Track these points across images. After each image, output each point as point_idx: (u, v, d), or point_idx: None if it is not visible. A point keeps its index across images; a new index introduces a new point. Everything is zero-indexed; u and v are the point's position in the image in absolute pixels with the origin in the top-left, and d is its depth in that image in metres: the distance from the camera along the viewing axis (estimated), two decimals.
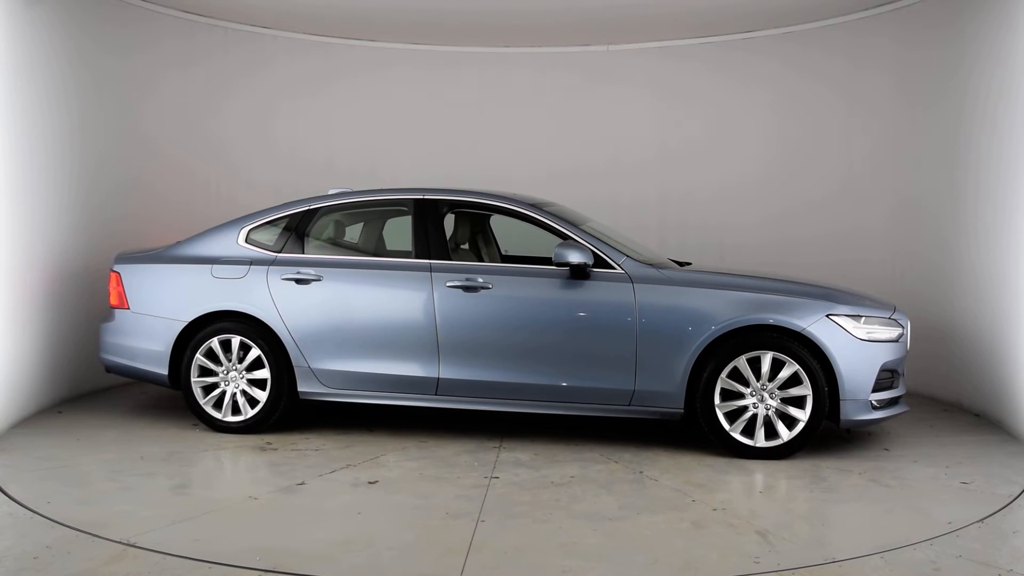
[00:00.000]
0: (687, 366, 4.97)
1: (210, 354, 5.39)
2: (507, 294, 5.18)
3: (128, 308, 5.55)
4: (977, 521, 3.97)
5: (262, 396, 5.36)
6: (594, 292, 5.09)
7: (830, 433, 5.38)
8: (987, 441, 5.39)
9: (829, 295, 5.09)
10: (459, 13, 6.99)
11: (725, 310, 4.97)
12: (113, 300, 5.61)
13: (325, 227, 5.64)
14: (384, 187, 6.14)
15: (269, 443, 5.20)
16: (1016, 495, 4.34)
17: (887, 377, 5.11)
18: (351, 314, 5.30)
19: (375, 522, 3.90)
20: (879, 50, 7.07)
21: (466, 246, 6.00)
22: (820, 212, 7.50)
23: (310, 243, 5.53)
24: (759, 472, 4.71)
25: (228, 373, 5.39)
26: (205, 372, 5.41)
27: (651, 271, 5.14)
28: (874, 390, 4.98)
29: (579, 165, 8.13)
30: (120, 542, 3.56)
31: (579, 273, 5.12)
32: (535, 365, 5.13)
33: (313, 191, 6.24)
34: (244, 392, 5.38)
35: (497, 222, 6.20)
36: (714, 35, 7.76)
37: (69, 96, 6.07)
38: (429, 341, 5.20)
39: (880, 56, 7.07)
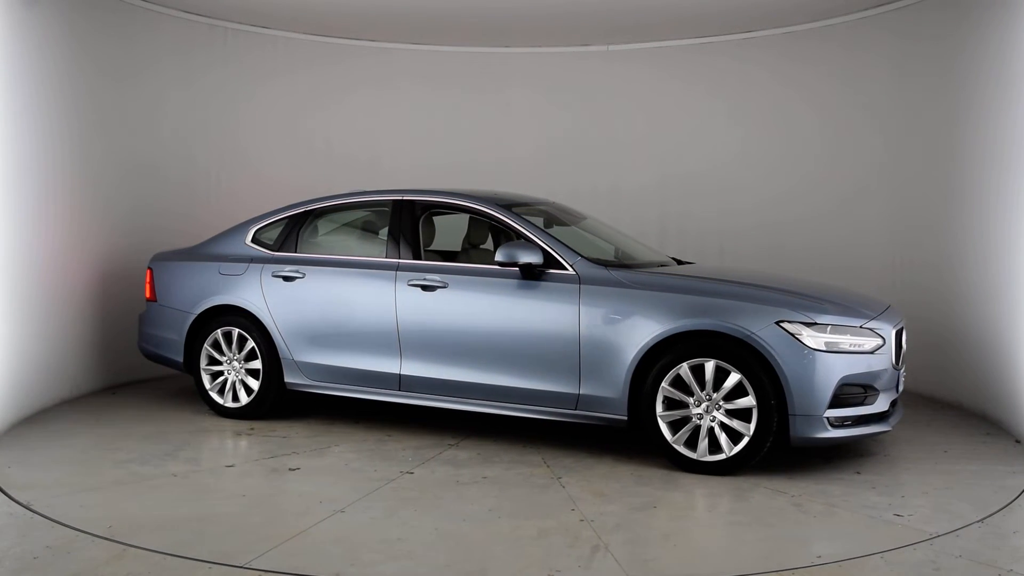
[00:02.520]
0: (628, 372, 4.78)
1: (217, 345, 5.89)
2: (461, 294, 5.23)
3: (156, 301, 6.19)
4: (977, 521, 3.89)
5: (256, 385, 5.78)
6: (544, 293, 5.02)
7: (817, 450, 4.95)
8: (988, 472, 4.72)
9: (784, 300, 4.68)
10: (459, 13, 7.03)
11: (669, 314, 4.73)
12: (147, 293, 6.27)
13: (317, 227, 5.97)
14: (381, 188, 6.33)
15: (252, 428, 5.60)
16: (1015, 497, 4.27)
17: (857, 393, 4.63)
18: (328, 310, 5.57)
19: (243, 504, 4.14)
20: (878, 51, 6.99)
21: (487, 246, 6.09)
22: (818, 213, 7.44)
23: (303, 242, 5.87)
24: (683, 487, 4.44)
25: (231, 363, 5.86)
26: (213, 361, 5.92)
27: (601, 272, 4.99)
28: (834, 406, 4.53)
29: (579, 164, 8.11)
30: (23, 504, 4.05)
31: (529, 273, 5.07)
32: (486, 365, 5.14)
33: (311, 189, 6.60)
34: (243, 381, 5.83)
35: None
36: (713, 35, 7.69)
37: (79, 96, 6.24)
38: (392, 338, 5.36)
39: (879, 57, 6.99)
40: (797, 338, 4.51)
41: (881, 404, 4.73)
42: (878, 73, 7.01)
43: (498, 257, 5.03)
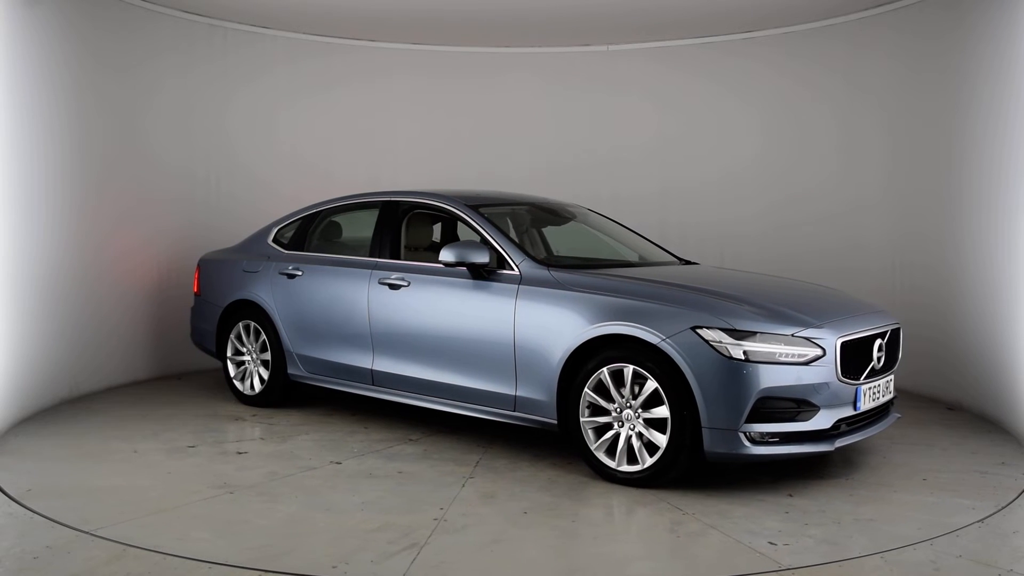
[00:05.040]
0: (556, 375, 4.67)
1: (240, 336, 6.38)
2: (421, 292, 5.32)
3: (200, 295, 6.79)
4: (977, 521, 3.89)
5: (266, 375, 6.20)
6: (489, 293, 5.00)
7: (766, 466, 4.60)
8: (939, 507, 4.13)
9: (704, 304, 4.36)
10: (459, 13, 7.02)
11: (593, 316, 4.57)
12: (195, 288, 6.89)
13: (322, 227, 6.28)
14: (382, 189, 6.54)
15: (254, 415, 6.02)
16: (1015, 497, 4.25)
17: (788, 408, 4.23)
18: (319, 306, 5.86)
19: (159, 480, 4.49)
20: (879, 51, 6.97)
21: None
22: (818, 213, 7.41)
23: (309, 242, 6.22)
24: (581, 496, 4.29)
25: (251, 353, 6.33)
26: (238, 352, 6.41)
27: (542, 273, 4.90)
28: (756, 420, 4.17)
29: (579, 164, 8.03)
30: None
31: (477, 273, 5.08)
32: (440, 363, 5.19)
33: (313, 189, 6.91)
34: (258, 371, 6.27)
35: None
36: (714, 35, 7.68)
37: (79, 95, 6.30)
38: (365, 334, 5.56)
39: (880, 57, 6.97)
40: (712, 345, 4.20)
41: (821, 421, 4.28)
42: (880, 73, 6.97)
43: (441, 257, 5.07)
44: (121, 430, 5.53)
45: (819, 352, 4.26)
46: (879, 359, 4.60)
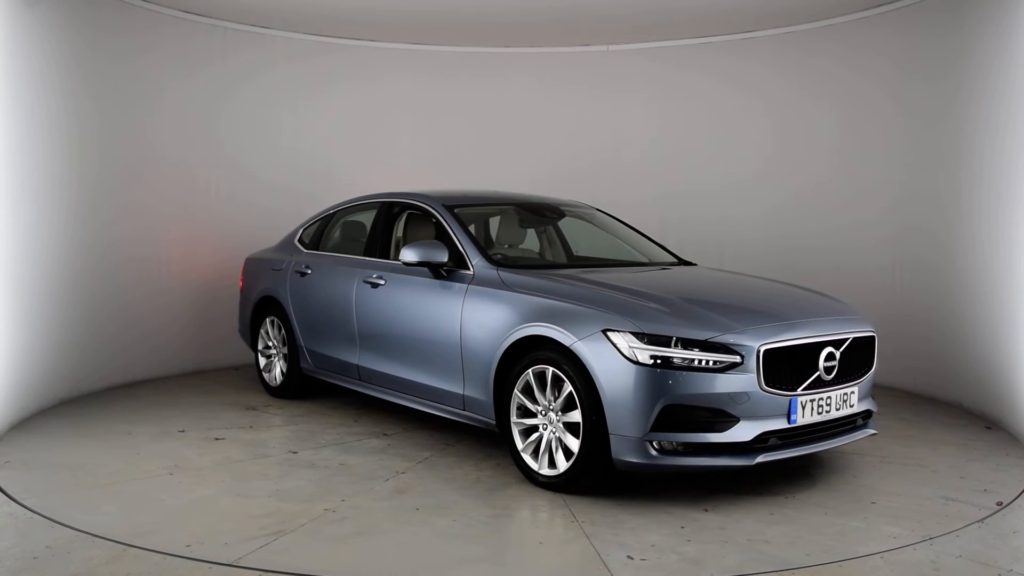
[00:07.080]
0: (490, 375, 4.65)
1: (268, 331, 6.75)
2: (394, 291, 5.42)
3: (242, 291, 7.23)
4: (977, 521, 3.89)
5: (286, 368, 6.52)
6: (446, 292, 5.05)
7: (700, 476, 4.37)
8: (861, 536, 3.76)
9: (616, 306, 4.19)
10: (459, 13, 6.97)
11: (524, 317, 4.51)
12: (240, 284, 7.35)
13: (334, 228, 6.52)
14: (381, 191, 6.58)
15: (268, 405, 6.34)
16: (1015, 497, 4.26)
17: (702, 417, 3.99)
18: (319, 302, 6.10)
19: (124, 459, 4.82)
20: (879, 51, 6.95)
21: (526, 245, 6.22)
22: (819, 213, 7.40)
23: (323, 242, 6.48)
24: (489, 498, 4.24)
25: (276, 347, 6.68)
26: (267, 345, 6.79)
27: (491, 272, 4.88)
28: (664, 428, 3.97)
29: (578, 164, 7.95)
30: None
31: (437, 272, 5.13)
32: (407, 360, 5.28)
33: (314, 190, 7.18)
34: (280, 364, 6.62)
35: (569, 224, 6.28)
36: (714, 35, 7.66)
37: (79, 95, 6.30)
38: (353, 331, 5.74)
39: (880, 57, 6.94)
40: (619, 349, 4.04)
41: (740, 433, 4.00)
42: (880, 74, 6.93)
43: (402, 257, 5.13)
44: (138, 414, 5.97)
45: (735, 359, 3.99)
46: (828, 369, 4.24)
